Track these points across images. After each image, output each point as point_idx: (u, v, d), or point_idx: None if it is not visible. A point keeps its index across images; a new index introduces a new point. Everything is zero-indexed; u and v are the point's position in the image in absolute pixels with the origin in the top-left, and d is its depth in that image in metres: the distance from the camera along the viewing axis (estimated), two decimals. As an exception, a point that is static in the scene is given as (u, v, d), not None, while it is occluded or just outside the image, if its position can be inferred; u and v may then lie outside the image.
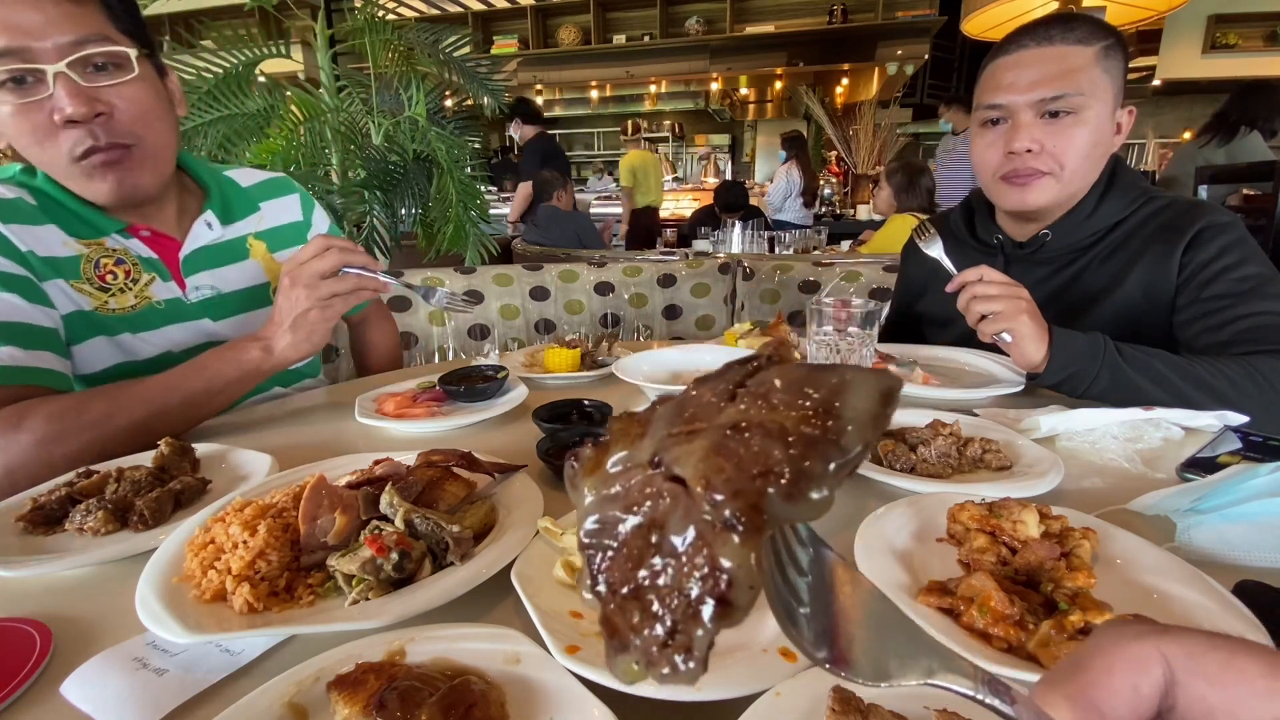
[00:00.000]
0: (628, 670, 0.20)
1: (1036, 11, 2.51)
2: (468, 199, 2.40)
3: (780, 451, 0.19)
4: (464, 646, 0.40)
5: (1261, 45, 5.14)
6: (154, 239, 0.92)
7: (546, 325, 1.98)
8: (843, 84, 6.42)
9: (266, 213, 1.06)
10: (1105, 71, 0.93)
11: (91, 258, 0.86)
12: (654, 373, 1.00)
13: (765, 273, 1.91)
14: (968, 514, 0.53)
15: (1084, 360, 0.84)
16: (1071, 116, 0.94)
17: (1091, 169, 0.99)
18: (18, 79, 0.73)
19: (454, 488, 0.58)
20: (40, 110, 0.75)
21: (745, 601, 0.19)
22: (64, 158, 0.79)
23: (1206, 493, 0.55)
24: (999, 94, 0.97)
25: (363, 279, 0.84)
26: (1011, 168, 0.98)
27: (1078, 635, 0.39)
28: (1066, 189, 0.99)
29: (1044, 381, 0.88)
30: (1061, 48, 0.93)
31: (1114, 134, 0.99)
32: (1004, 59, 0.98)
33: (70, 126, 0.77)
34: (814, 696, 0.34)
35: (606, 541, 0.22)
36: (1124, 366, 0.84)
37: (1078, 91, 0.92)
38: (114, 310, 0.87)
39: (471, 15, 5.84)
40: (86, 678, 0.41)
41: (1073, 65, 0.93)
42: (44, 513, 0.60)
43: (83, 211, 0.86)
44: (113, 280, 0.87)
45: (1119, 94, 0.97)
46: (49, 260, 0.83)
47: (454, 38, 2.48)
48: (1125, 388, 0.84)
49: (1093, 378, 0.84)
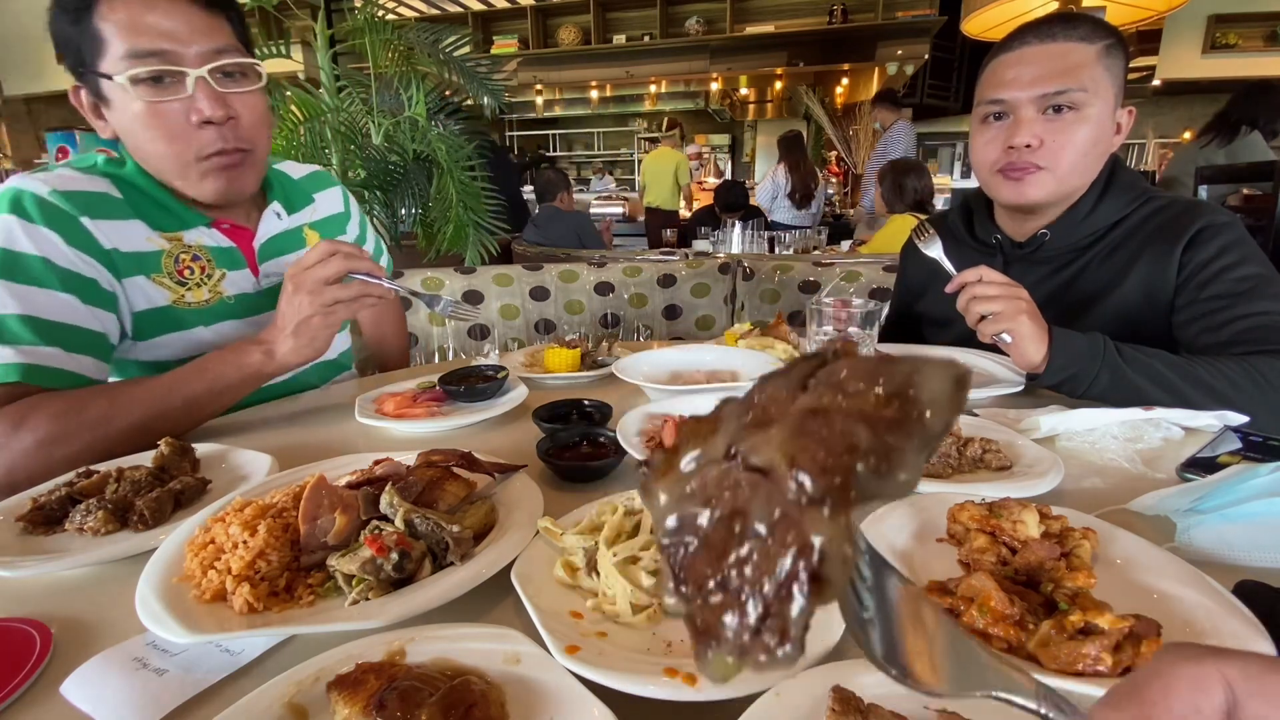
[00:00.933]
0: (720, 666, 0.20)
1: (1036, 11, 2.51)
2: (468, 199, 2.40)
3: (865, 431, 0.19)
4: (464, 646, 0.40)
5: (1261, 45, 5.14)
6: (233, 230, 0.96)
7: (546, 325, 1.98)
8: (843, 84, 6.41)
9: (319, 204, 1.11)
10: (1107, 70, 0.94)
11: (172, 253, 0.89)
12: (654, 373, 1.00)
13: (765, 273, 1.91)
14: (968, 514, 0.53)
15: (1084, 361, 0.84)
16: (1073, 113, 0.94)
17: (1090, 167, 0.99)
18: (157, 78, 0.78)
19: (454, 488, 0.58)
20: (174, 109, 0.80)
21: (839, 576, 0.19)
22: (191, 155, 0.84)
23: (1206, 493, 0.55)
24: (1001, 89, 0.97)
25: (367, 286, 0.84)
26: (1009, 161, 0.99)
27: (1078, 635, 0.39)
28: (1063, 185, 0.99)
29: (1044, 382, 0.88)
30: (1064, 44, 0.94)
31: (1114, 133, 0.99)
32: (1006, 55, 0.98)
33: (204, 127, 0.82)
34: (814, 696, 0.34)
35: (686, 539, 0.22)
36: (1123, 367, 0.84)
37: (1080, 87, 0.93)
38: (190, 304, 0.91)
39: (471, 15, 5.84)
40: (86, 678, 0.41)
41: (1075, 61, 0.93)
42: (44, 513, 0.60)
43: (171, 204, 0.89)
44: (189, 275, 0.91)
45: (1119, 93, 0.97)
46: (133, 255, 0.86)
47: (454, 38, 2.48)
48: (1125, 388, 0.84)
49: (1092, 378, 0.84)
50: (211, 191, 0.88)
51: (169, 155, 0.84)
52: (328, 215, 1.12)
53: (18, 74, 7.03)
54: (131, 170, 0.88)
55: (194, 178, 0.86)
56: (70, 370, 0.79)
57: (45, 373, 0.77)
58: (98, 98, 0.82)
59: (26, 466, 0.72)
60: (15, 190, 0.80)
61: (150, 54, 0.77)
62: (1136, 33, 4.73)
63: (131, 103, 0.80)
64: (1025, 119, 0.95)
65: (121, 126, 0.83)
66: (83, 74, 0.81)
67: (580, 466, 0.70)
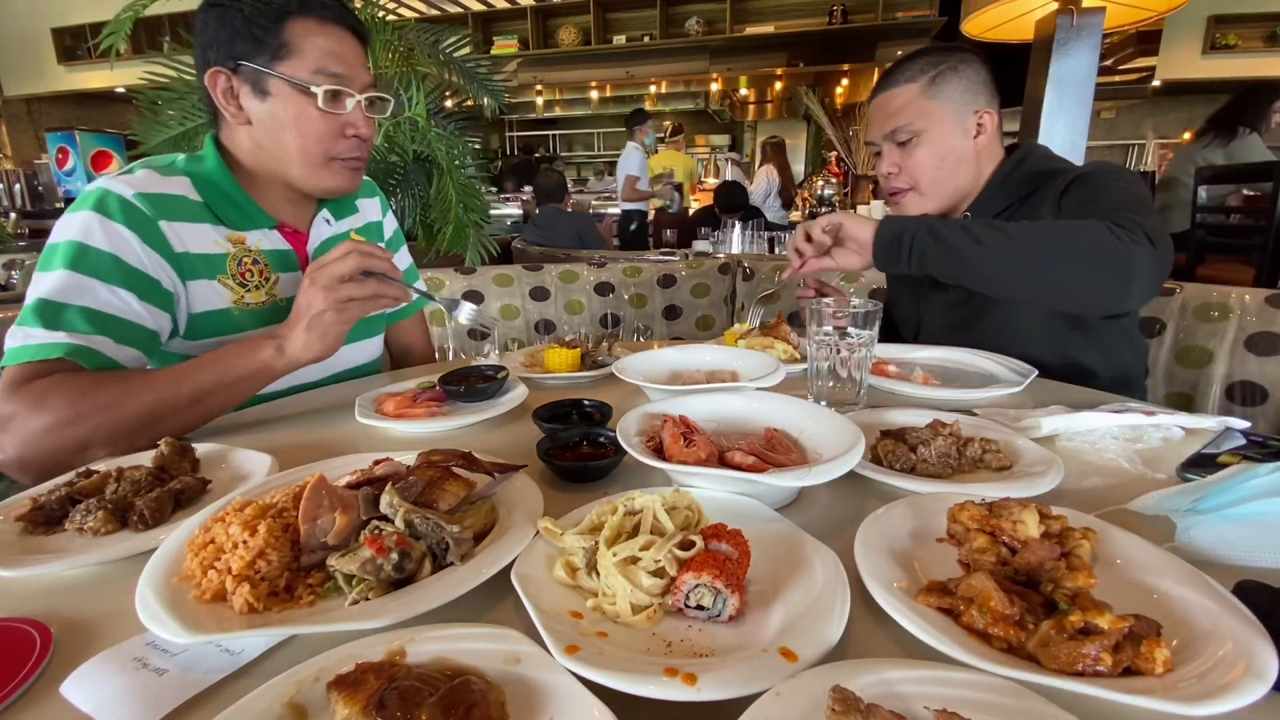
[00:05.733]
0: None
1: (1036, 12, 2.51)
2: (468, 199, 2.40)
3: None
4: (464, 646, 0.40)
5: (1261, 46, 5.12)
6: (293, 234, 1.05)
7: (546, 325, 1.98)
8: (843, 84, 6.41)
9: (363, 211, 1.20)
10: (933, 97, 1.13)
11: (236, 256, 0.98)
12: (654, 373, 1.00)
13: (765, 273, 1.91)
14: (968, 514, 0.53)
15: (905, 225, 0.98)
16: (915, 139, 1.15)
17: (949, 174, 1.17)
18: (335, 94, 0.94)
19: (454, 488, 0.58)
20: (334, 119, 0.96)
21: None
22: (327, 154, 0.97)
23: (1206, 493, 0.55)
24: (869, 134, 1.24)
25: (382, 286, 0.86)
26: (886, 187, 1.23)
27: (1078, 635, 0.39)
28: (931, 197, 1.19)
29: (877, 246, 1.00)
30: (893, 90, 1.16)
31: (974, 136, 1.15)
32: (870, 105, 1.23)
33: (352, 138, 0.98)
34: (814, 696, 0.34)
35: None
36: (939, 226, 0.96)
37: (908, 123, 1.14)
38: (249, 305, 0.98)
39: (471, 16, 5.83)
40: (86, 678, 0.41)
41: (900, 104, 1.15)
42: (44, 513, 0.60)
43: (244, 203, 0.99)
44: (249, 278, 0.99)
45: (961, 107, 1.14)
46: (202, 257, 0.94)
47: (454, 38, 2.48)
48: (944, 242, 0.95)
49: (913, 236, 0.97)
50: (333, 184, 1.01)
51: (309, 150, 0.96)
52: (367, 222, 1.20)
53: (18, 74, 7.03)
54: (212, 168, 0.97)
55: (320, 171, 0.98)
56: (111, 357, 0.83)
57: (88, 354, 0.81)
58: (254, 88, 0.92)
59: (40, 445, 0.75)
60: (102, 190, 0.87)
61: (336, 75, 0.94)
62: (1136, 33, 4.73)
63: (303, 105, 0.93)
64: (885, 153, 1.20)
65: (270, 117, 0.94)
66: (238, 67, 0.91)
67: (580, 466, 0.70)
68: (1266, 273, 2.61)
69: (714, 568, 0.44)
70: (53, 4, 6.66)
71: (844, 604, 0.43)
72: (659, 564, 0.46)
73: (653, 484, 0.66)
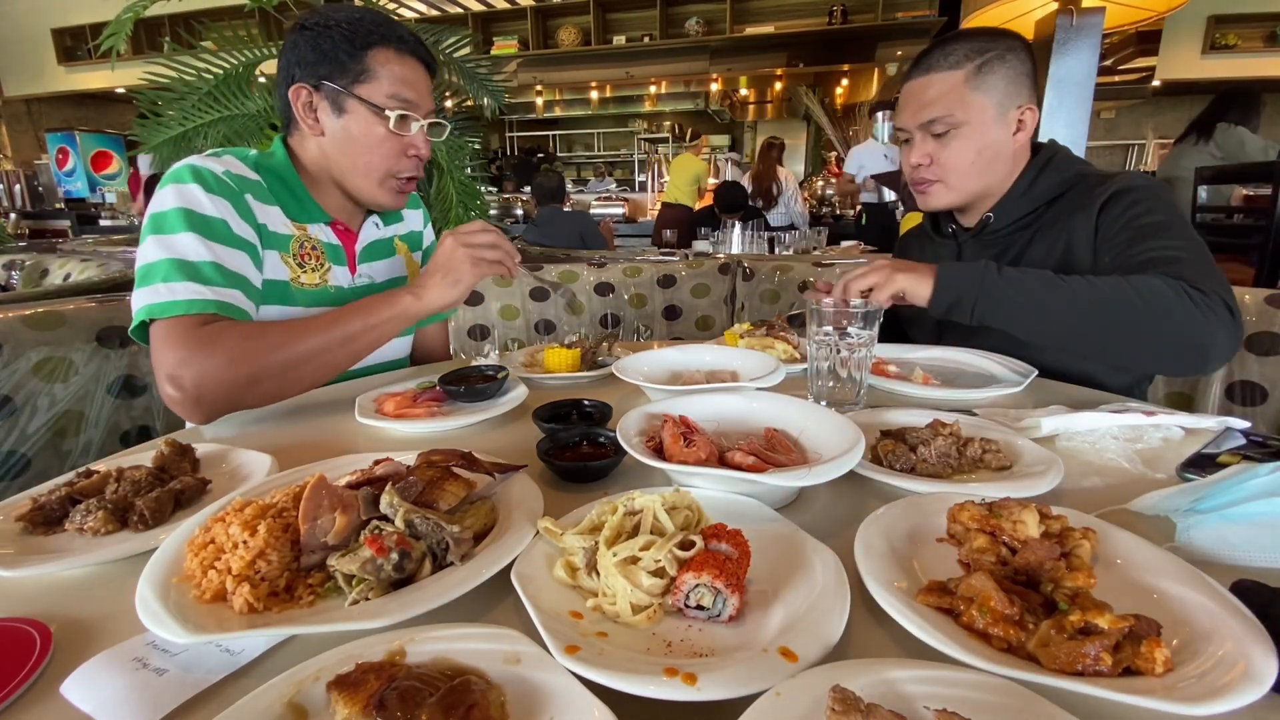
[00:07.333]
0: None
1: (1036, 12, 2.51)
2: (468, 199, 2.40)
3: None
4: (464, 646, 0.40)
5: (1261, 45, 5.12)
6: (344, 232, 1.14)
7: (547, 326, 1.98)
8: (842, 84, 6.41)
9: (407, 219, 1.31)
10: (978, 89, 1.06)
11: (299, 239, 1.07)
12: (654, 373, 1.00)
13: (765, 273, 1.91)
14: (968, 514, 0.53)
15: (965, 282, 0.94)
16: (953, 131, 1.08)
17: (983, 171, 1.11)
18: (404, 117, 1.03)
19: (454, 488, 0.58)
20: (399, 140, 1.05)
21: None
22: (388, 171, 1.06)
23: (1206, 493, 0.55)
24: (899, 118, 1.15)
25: (505, 257, 1.02)
26: (913, 177, 1.16)
27: (1078, 635, 0.39)
28: (958, 192, 1.13)
29: (934, 309, 0.96)
30: (934, 75, 1.08)
31: (1013, 133, 1.09)
32: (904, 86, 1.14)
33: (413, 159, 1.08)
34: (814, 696, 0.34)
35: None
36: (1000, 284, 0.92)
37: (948, 114, 1.07)
38: (303, 285, 1.07)
39: (471, 16, 5.84)
40: (86, 678, 0.41)
41: (941, 92, 1.07)
42: (44, 513, 0.60)
43: (305, 198, 1.08)
44: (308, 261, 1.08)
45: (1005, 100, 1.07)
46: (274, 234, 1.03)
47: (454, 38, 2.48)
48: (1008, 304, 0.92)
49: (974, 302, 0.93)
50: (390, 199, 1.10)
51: (374, 165, 1.05)
52: (410, 230, 1.32)
53: (18, 74, 7.04)
54: (280, 163, 1.07)
55: (379, 186, 1.08)
56: (245, 310, 0.95)
57: (232, 309, 0.92)
58: (333, 105, 1.02)
59: (216, 379, 0.84)
60: (194, 165, 0.96)
61: (407, 102, 1.03)
62: (1136, 33, 4.73)
63: (374, 125, 1.02)
64: (917, 142, 1.12)
65: (343, 131, 1.03)
66: (320, 85, 1.01)
67: (580, 466, 0.70)
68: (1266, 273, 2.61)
69: (714, 568, 0.44)
70: (53, 4, 6.66)
71: (844, 604, 0.43)
72: (659, 564, 0.46)
73: (653, 484, 0.66)
